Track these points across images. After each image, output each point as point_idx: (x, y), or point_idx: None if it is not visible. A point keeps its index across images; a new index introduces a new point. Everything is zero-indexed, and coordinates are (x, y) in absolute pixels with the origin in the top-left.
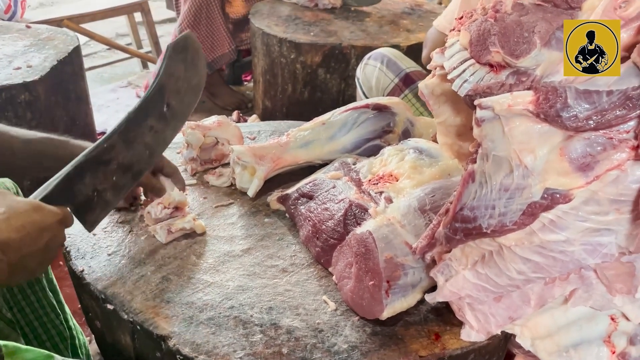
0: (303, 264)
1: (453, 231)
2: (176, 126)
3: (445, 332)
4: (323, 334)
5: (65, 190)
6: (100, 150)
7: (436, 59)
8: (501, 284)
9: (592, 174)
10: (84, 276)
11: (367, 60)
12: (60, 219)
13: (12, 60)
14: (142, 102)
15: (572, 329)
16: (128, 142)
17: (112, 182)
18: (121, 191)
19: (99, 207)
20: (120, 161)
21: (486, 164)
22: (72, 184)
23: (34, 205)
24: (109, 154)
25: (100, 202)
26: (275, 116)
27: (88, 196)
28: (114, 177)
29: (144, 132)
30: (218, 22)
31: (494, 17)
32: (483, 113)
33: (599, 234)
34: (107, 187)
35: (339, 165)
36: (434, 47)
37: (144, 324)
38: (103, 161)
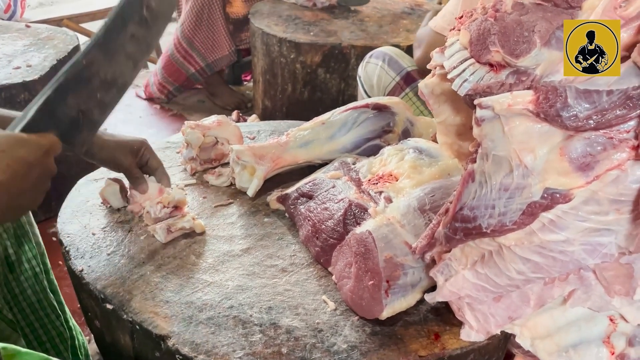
0: (303, 264)
1: (453, 231)
2: (159, 30)
3: (445, 332)
4: (322, 334)
5: (47, 115)
6: (80, 68)
7: (436, 59)
8: (501, 283)
9: (592, 174)
10: (83, 276)
11: (369, 59)
12: (47, 149)
13: (12, 59)
14: (118, 7)
15: (572, 330)
16: (109, 54)
17: (97, 100)
18: (107, 108)
19: (86, 129)
20: (103, 76)
21: (486, 164)
22: (54, 107)
23: (16, 139)
24: (89, 70)
25: (87, 122)
26: (275, 116)
27: (73, 118)
28: (98, 95)
29: (125, 41)
30: (219, 23)
31: (494, 17)
32: (483, 112)
33: (598, 234)
34: (92, 106)
35: (339, 165)
36: (430, 48)
37: (143, 324)
38: (84, 78)
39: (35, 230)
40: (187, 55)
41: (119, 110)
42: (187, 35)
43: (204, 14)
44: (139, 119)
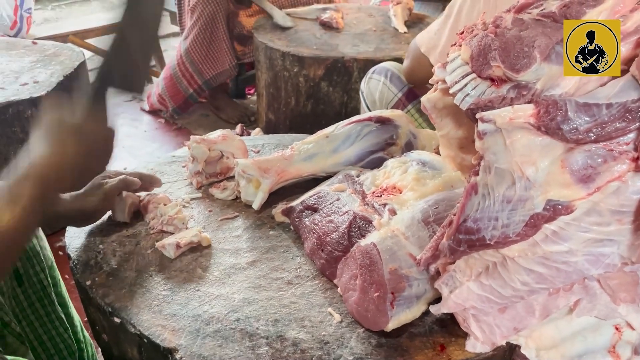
0: (308, 276)
1: (457, 243)
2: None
3: (450, 344)
4: (329, 346)
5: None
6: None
7: (438, 73)
8: (505, 295)
9: (594, 186)
10: (90, 289)
11: (372, 75)
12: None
13: (19, 76)
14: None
15: (577, 340)
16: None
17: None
18: (150, 48)
19: (138, 74)
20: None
21: (488, 176)
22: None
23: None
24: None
25: (137, 69)
26: (278, 129)
27: (125, 74)
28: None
29: None
30: (222, 38)
31: (494, 32)
32: (485, 126)
33: (601, 244)
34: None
35: (343, 178)
36: (414, 63)
37: (151, 337)
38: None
39: (43, 243)
40: (187, 74)
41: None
42: (189, 51)
43: (207, 28)
44: (144, 133)
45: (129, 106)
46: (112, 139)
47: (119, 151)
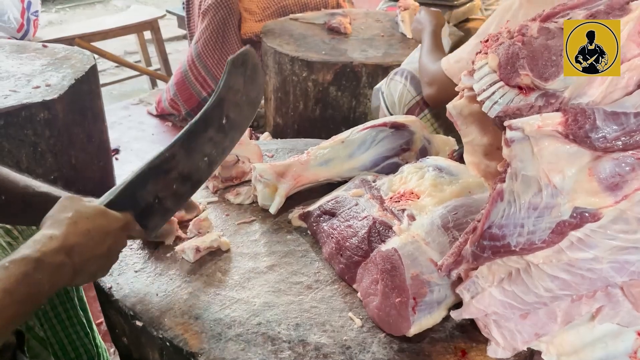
0: (327, 281)
1: (481, 249)
2: (234, 137)
3: (471, 349)
4: (351, 351)
5: (128, 196)
6: (162, 159)
7: (464, 81)
8: (528, 301)
9: (621, 194)
10: (112, 293)
11: (393, 76)
12: (123, 224)
13: (31, 79)
14: (202, 114)
15: (598, 346)
16: (188, 152)
17: (173, 190)
18: (181, 199)
19: (159, 214)
20: (181, 170)
21: (515, 184)
22: (135, 190)
23: (99, 210)
24: (169, 163)
25: (160, 209)
26: (286, 133)
27: (149, 203)
28: (174, 185)
29: (204, 142)
30: (233, 41)
31: (521, 41)
32: (513, 134)
33: (627, 252)
34: (167, 195)
35: (360, 183)
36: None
37: (174, 341)
38: (164, 170)
39: None
40: (200, 78)
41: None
42: (201, 55)
43: (219, 32)
44: (152, 136)
45: (135, 109)
46: (118, 247)
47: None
